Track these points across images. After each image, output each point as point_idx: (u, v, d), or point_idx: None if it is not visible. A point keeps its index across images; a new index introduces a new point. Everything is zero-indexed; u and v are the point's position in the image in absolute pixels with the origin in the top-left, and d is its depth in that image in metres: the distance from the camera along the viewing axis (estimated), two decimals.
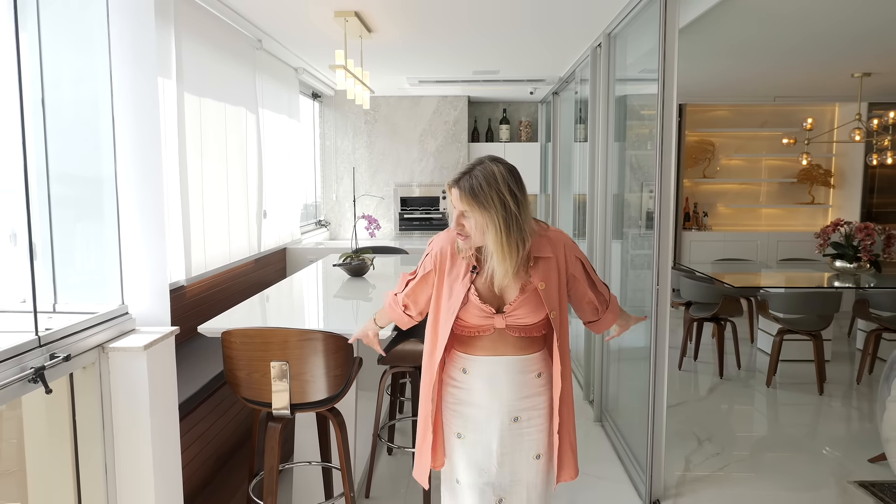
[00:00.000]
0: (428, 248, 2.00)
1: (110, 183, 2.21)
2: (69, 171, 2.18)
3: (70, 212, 2.20)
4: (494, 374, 1.93)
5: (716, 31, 4.19)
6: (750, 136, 7.64)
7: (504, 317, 1.88)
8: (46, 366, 1.74)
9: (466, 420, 1.96)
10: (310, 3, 3.53)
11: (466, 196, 1.78)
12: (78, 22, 2.18)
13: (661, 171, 3.09)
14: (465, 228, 1.82)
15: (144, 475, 2.11)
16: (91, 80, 2.19)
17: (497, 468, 1.94)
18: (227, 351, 2.45)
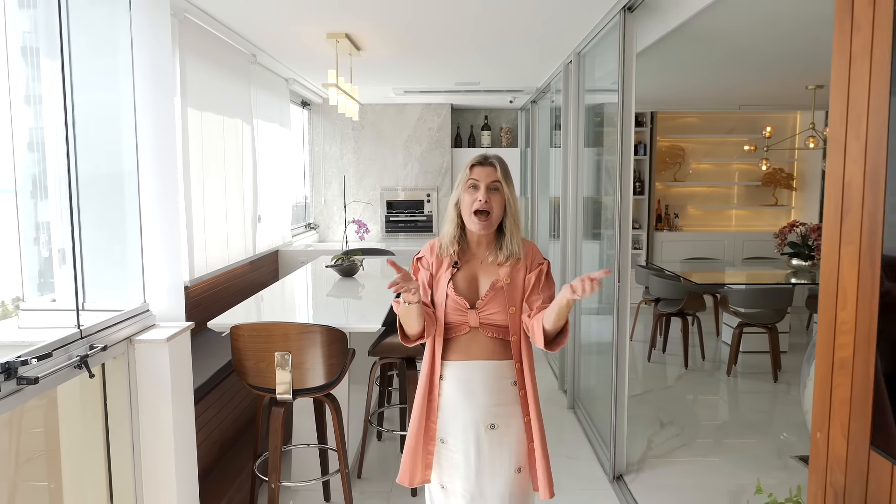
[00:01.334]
0: (414, 262, 2.09)
1: (132, 191, 2.51)
2: (97, 181, 2.48)
3: (98, 218, 2.50)
4: (469, 379, 1.95)
5: (677, 50, 4.56)
6: (718, 141, 8.04)
7: (477, 312, 1.94)
8: (89, 354, 2.04)
9: (447, 427, 1.98)
10: (304, 25, 3.84)
11: (502, 171, 1.92)
12: (104, 55, 2.48)
13: (621, 173, 3.44)
14: (491, 202, 1.91)
15: (166, 452, 2.41)
16: (115, 104, 2.49)
17: (476, 477, 1.95)
18: (236, 343, 2.76)
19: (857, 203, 1.26)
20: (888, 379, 1.13)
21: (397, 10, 3.54)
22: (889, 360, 1.14)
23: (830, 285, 1.34)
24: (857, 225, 1.25)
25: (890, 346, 1.13)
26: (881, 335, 1.16)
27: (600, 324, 4.28)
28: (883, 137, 1.19)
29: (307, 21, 3.76)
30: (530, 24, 3.90)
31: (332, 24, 3.78)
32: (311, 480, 3.19)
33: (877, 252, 1.17)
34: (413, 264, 2.08)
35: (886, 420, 1.14)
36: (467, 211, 1.94)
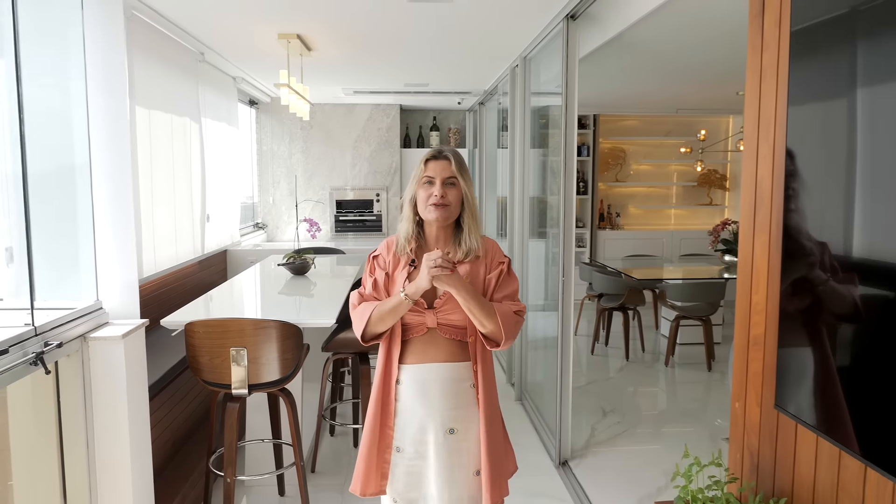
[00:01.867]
0: (370, 259, 2.01)
1: (85, 188, 2.51)
2: (49, 180, 2.48)
3: (48, 216, 2.49)
4: (426, 381, 1.90)
5: (618, 57, 4.77)
6: (656, 143, 8.38)
7: (435, 312, 1.87)
8: (45, 351, 2.06)
9: (404, 433, 1.91)
10: (256, 25, 3.87)
11: (457, 165, 1.86)
12: (59, 57, 2.48)
13: (565, 174, 3.61)
14: (447, 197, 1.85)
15: (121, 450, 2.43)
16: (66, 99, 2.49)
17: (435, 483, 1.89)
18: (191, 340, 2.79)
19: (767, 199, 1.42)
20: (788, 347, 1.29)
21: (349, 12, 3.61)
22: (789, 330, 1.30)
23: (746, 271, 1.51)
24: (767, 218, 1.41)
25: (789, 319, 1.29)
26: (782, 311, 1.32)
27: (546, 319, 4.45)
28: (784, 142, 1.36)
29: (259, 21, 3.79)
30: (479, 29, 4.04)
31: (284, 24, 3.83)
32: (266, 474, 3.24)
33: (780, 242, 1.33)
34: (369, 263, 1.99)
35: (787, 382, 1.31)
36: (423, 205, 1.87)
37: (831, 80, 1.20)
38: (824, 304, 1.22)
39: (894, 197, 1.08)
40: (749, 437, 1.50)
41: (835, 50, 1.16)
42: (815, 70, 1.25)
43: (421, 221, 1.94)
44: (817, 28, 1.23)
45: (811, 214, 1.28)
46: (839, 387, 1.16)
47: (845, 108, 1.16)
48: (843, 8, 1.15)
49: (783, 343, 1.34)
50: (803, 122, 1.27)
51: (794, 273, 1.31)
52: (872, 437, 1.11)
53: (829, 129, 1.21)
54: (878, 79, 1.10)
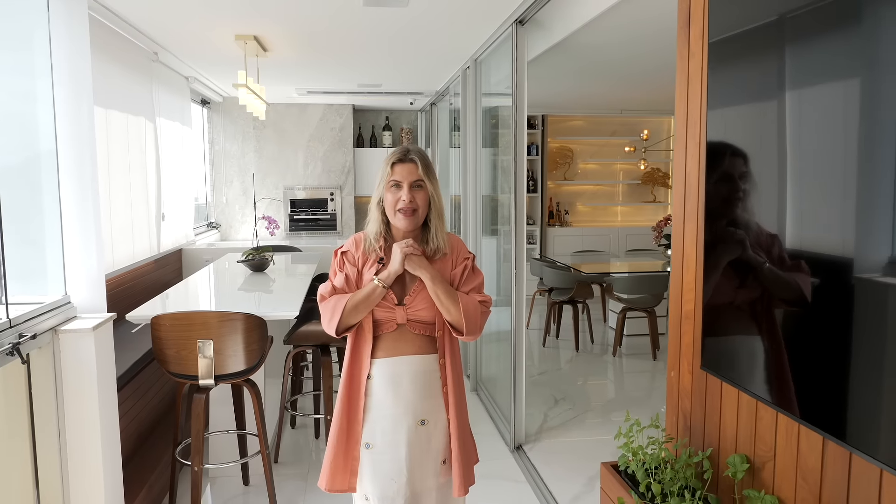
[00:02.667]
0: (337, 255, 2.01)
1: (51, 184, 2.56)
2: (15, 177, 2.52)
3: (15, 212, 2.53)
4: (397, 374, 1.91)
5: (564, 60, 5.00)
6: (603, 143, 8.71)
7: (405, 309, 1.90)
8: (20, 342, 2.12)
9: (374, 428, 1.92)
10: (212, 26, 3.94)
11: (424, 168, 1.87)
12: (25, 59, 2.52)
13: (516, 172, 3.80)
14: (415, 201, 1.86)
15: (92, 439, 2.49)
16: (33, 102, 2.54)
17: (407, 476, 1.90)
18: (157, 333, 2.86)
19: (694, 191, 1.63)
20: (708, 315, 1.49)
21: (306, 14, 3.72)
22: (711, 302, 1.50)
23: (678, 255, 1.70)
24: (694, 207, 1.62)
25: (711, 293, 1.49)
26: (705, 286, 1.52)
27: (499, 314, 4.64)
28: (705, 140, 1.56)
29: (217, 22, 3.86)
30: (431, 33, 4.20)
31: (241, 26, 3.90)
32: (231, 462, 3.32)
33: (702, 228, 1.53)
34: (337, 258, 2.00)
35: (711, 347, 1.51)
36: (391, 209, 1.90)
37: (739, 87, 1.40)
38: (739, 278, 1.42)
39: (786, 190, 1.28)
40: (682, 401, 1.70)
41: (742, 60, 1.37)
42: (727, 77, 1.45)
43: (388, 221, 1.95)
44: (728, 41, 1.43)
45: (727, 203, 1.49)
46: (756, 346, 1.36)
47: (751, 111, 1.36)
48: (748, 24, 1.35)
49: (706, 312, 1.54)
50: (718, 123, 1.48)
51: (714, 254, 1.51)
52: (780, 388, 1.31)
53: (738, 128, 1.41)
54: (776, 87, 1.30)
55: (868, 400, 1.03)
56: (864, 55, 1.07)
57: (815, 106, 1.19)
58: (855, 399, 1.06)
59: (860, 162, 1.08)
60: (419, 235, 1.97)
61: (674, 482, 1.38)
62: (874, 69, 1.05)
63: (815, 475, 1.21)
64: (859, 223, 1.07)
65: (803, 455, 1.24)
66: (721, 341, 1.50)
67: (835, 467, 1.16)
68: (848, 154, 1.12)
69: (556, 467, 3.55)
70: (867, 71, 1.06)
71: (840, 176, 1.11)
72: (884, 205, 1.01)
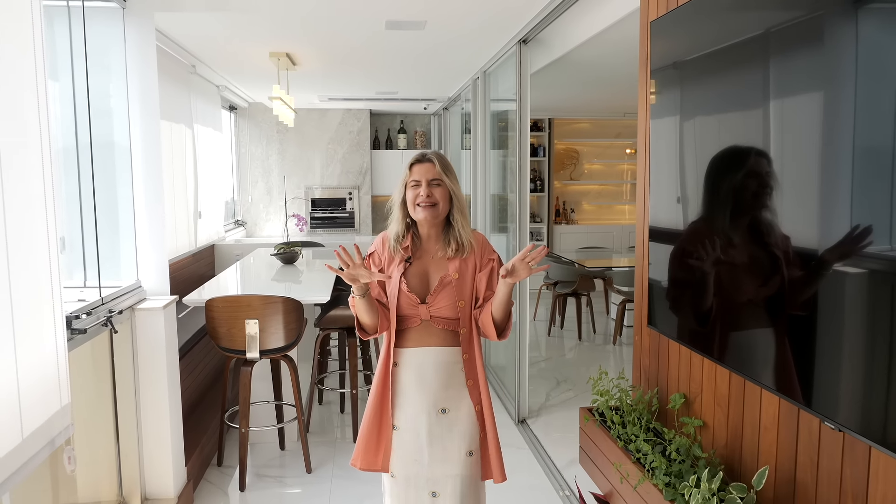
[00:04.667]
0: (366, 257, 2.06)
1: (125, 185, 3.05)
2: (97, 177, 3.01)
3: (98, 208, 3.03)
4: (422, 364, 2.01)
5: (566, 71, 5.45)
6: (607, 144, 9.13)
7: (428, 307, 1.99)
8: (112, 316, 2.61)
9: (400, 412, 2.03)
10: (250, 44, 4.42)
11: (440, 166, 1.96)
12: (103, 77, 3.01)
13: (519, 168, 4.26)
14: (434, 196, 1.95)
15: (161, 399, 2.98)
16: (109, 118, 3.03)
17: (428, 459, 2.00)
18: (211, 313, 3.35)
19: (642, 188, 2.07)
20: (652, 289, 1.94)
21: (335, 34, 4.19)
22: (653, 275, 1.94)
23: (640, 239, 2.15)
24: (643, 199, 2.06)
25: (653, 266, 1.93)
26: (651, 262, 1.96)
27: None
28: (648, 148, 2.00)
29: (255, 42, 4.35)
30: (446, 49, 4.66)
31: (276, 44, 4.39)
32: (270, 426, 3.81)
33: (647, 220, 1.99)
34: (365, 262, 2.04)
35: (654, 309, 1.95)
36: (412, 206, 1.98)
37: (665, 107, 1.85)
38: (672, 255, 1.86)
39: (702, 185, 1.71)
40: (644, 359, 2.14)
41: (668, 87, 1.81)
42: (660, 100, 1.90)
43: (414, 221, 2.04)
44: (661, 71, 1.88)
45: (659, 196, 1.94)
46: (686, 308, 1.80)
47: (672, 126, 1.79)
48: (674, 59, 1.80)
49: (651, 287, 1.98)
50: (654, 134, 1.93)
51: (655, 237, 1.96)
52: (703, 340, 1.75)
53: (665, 140, 1.85)
54: (692, 108, 1.74)
55: (749, 340, 1.46)
56: (715, 97, 1.51)
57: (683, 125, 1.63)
58: (742, 341, 1.49)
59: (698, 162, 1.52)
60: (442, 233, 2.03)
61: (630, 415, 1.82)
62: (728, 109, 1.49)
63: (724, 401, 1.64)
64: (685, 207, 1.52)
65: (719, 388, 1.67)
66: (662, 307, 1.95)
67: (736, 393, 1.59)
68: (699, 159, 1.56)
69: (554, 436, 4.01)
70: (721, 107, 1.50)
71: (693, 172, 1.56)
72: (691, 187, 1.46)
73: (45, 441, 1.90)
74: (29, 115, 1.84)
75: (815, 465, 1.33)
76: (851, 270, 1.15)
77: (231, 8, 3.35)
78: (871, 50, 1.09)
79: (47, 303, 1.91)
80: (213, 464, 3.69)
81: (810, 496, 1.35)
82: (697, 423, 1.72)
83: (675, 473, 1.50)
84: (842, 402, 1.20)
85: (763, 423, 1.50)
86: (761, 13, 1.40)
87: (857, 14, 1.10)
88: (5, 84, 1.72)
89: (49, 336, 1.92)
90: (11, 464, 1.73)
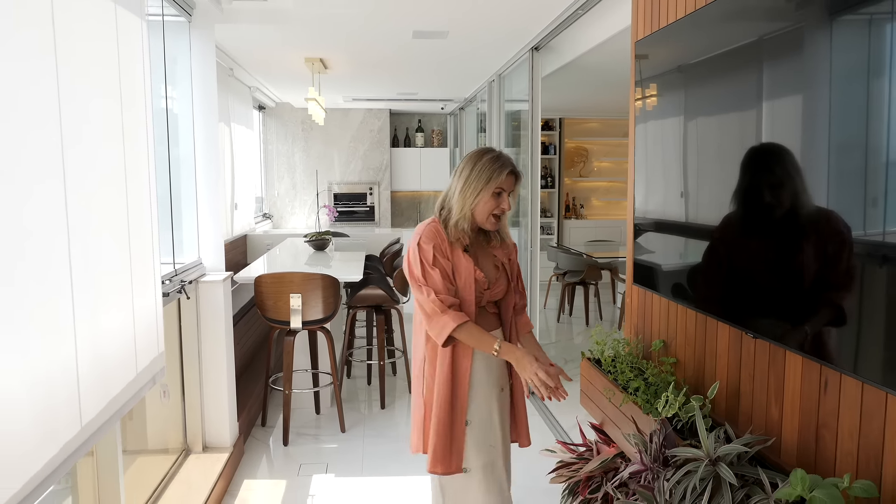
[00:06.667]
0: (412, 248, 2.07)
1: (189, 175, 3.52)
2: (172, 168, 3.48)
3: (166, 196, 3.49)
4: None
5: (576, 74, 5.87)
6: (616, 143, 9.54)
7: (490, 291, 2.10)
8: (184, 285, 3.08)
9: (472, 405, 2.07)
10: (288, 51, 4.89)
11: (520, 180, 2.09)
12: (171, 81, 3.49)
13: (531, 165, 4.69)
14: (509, 204, 2.06)
15: (220, 359, 3.45)
16: (178, 121, 3.50)
17: (501, 439, 2.11)
18: (259, 288, 3.81)
19: (632, 174, 2.50)
20: (638, 259, 2.37)
21: (365, 42, 4.64)
22: (639, 241, 2.38)
23: (629, 221, 2.58)
24: (631, 189, 2.50)
25: (639, 229, 2.37)
26: (635, 238, 2.41)
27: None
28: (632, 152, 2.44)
29: (292, 49, 4.81)
30: (465, 55, 5.10)
31: (311, 51, 4.85)
32: (308, 390, 4.27)
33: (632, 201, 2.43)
34: (427, 253, 2.02)
35: (639, 271, 2.39)
36: (487, 212, 2.02)
37: (648, 113, 2.28)
38: (657, 225, 2.29)
39: (680, 180, 2.14)
40: (633, 317, 2.57)
41: (657, 87, 2.23)
42: (644, 106, 2.33)
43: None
44: (644, 81, 2.31)
45: (643, 188, 2.38)
46: (661, 268, 2.22)
47: (656, 129, 2.22)
48: (656, 72, 2.23)
49: (635, 258, 2.43)
50: (639, 136, 2.36)
51: (639, 217, 2.39)
52: (677, 290, 2.17)
53: (649, 141, 2.27)
54: (673, 114, 2.16)
55: (708, 287, 1.89)
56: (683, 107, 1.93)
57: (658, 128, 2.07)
58: (704, 288, 1.92)
59: (683, 161, 1.94)
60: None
61: (622, 361, 2.26)
62: (699, 114, 1.90)
63: (692, 340, 2.07)
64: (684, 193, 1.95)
65: (688, 326, 2.10)
66: (645, 268, 2.39)
67: (700, 332, 2.01)
68: (676, 157, 1.99)
69: (562, 406, 4.44)
70: (682, 118, 1.92)
71: (673, 166, 1.99)
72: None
73: (149, 377, 2.37)
74: (141, 127, 2.30)
75: (752, 377, 1.76)
76: (757, 232, 1.58)
77: (281, 21, 3.81)
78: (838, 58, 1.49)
79: (150, 270, 2.38)
80: (257, 424, 4.16)
81: (748, 399, 1.78)
82: (672, 360, 2.15)
83: (652, 394, 1.93)
84: (760, 319, 1.64)
85: (718, 352, 1.94)
86: (718, 38, 1.83)
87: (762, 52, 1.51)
88: (132, 101, 2.18)
89: (151, 295, 2.38)
90: (128, 392, 2.19)
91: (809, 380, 1.54)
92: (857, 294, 1.31)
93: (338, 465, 3.60)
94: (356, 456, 3.72)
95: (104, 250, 1.99)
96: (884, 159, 1.24)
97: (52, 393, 1.66)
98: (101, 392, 1.95)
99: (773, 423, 1.67)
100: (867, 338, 1.30)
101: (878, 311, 1.26)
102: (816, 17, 1.44)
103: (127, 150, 2.17)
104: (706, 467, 1.52)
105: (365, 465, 3.60)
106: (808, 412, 1.55)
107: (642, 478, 1.72)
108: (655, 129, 2.31)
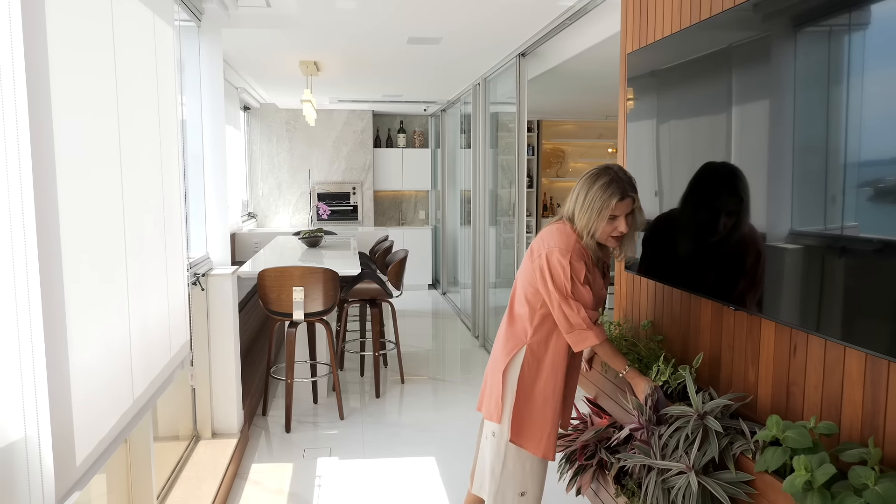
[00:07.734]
0: (557, 259, 2.08)
1: (197, 178, 3.69)
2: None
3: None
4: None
5: (557, 78, 6.14)
6: (591, 144, 9.86)
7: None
8: (199, 277, 3.25)
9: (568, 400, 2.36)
10: (285, 54, 5.06)
11: (636, 201, 2.09)
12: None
13: (518, 166, 4.94)
14: (632, 222, 2.09)
15: (228, 350, 3.62)
16: (187, 123, 3.67)
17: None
18: (262, 281, 3.99)
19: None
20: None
21: (360, 46, 4.84)
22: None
23: None
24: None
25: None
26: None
27: (498, 294, 5.78)
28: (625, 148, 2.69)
29: (289, 51, 4.99)
30: (454, 60, 5.33)
31: (308, 54, 5.03)
32: (308, 378, 4.45)
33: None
34: (579, 272, 2.08)
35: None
36: (605, 235, 2.08)
37: (638, 111, 2.54)
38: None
39: (672, 176, 2.39)
40: (623, 301, 2.83)
41: (642, 94, 2.49)
42: (635, 104, 2.60)
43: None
44: (635, 80, 2.57)
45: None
46: (649, 254, 2.48)
47: (648, 128, 2.47)
48: (645, 70, 2.49)
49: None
50: (631, 134, 2.62)
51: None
52: (662, 272, 2.42)
53: (641, 139, 2.53)
54: (664, 113, 2.41)
55: (691, 268, 2.14)
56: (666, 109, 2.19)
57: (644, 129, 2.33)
58: (687, 269, 2.18)
59: (670, 160, 2.20)
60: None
61: (614, 340, 2.51)
62: (676, 118, 2.16)
63: (678, 318, 2.33)
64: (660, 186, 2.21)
65: (674, 307, 2.36)
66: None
67: (685, 310, 2.27)
68: (664, 156, 2.24)
69: None
70: (674, 116, 2.17)
71: (652, 163, 2.24)
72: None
73: (179, 361, 2.55)
74: (173, 125, 2.48)
75: (731, 347, 2.02)
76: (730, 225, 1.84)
77: (284, 25, 4.00)
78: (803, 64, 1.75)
79: (181, 259, 2.56)
80: (258, 413, 4.34)
81: (728, 367, 2.05)
82: (659, 338, 2.41)
83: (643, 367, 2.19)
84: (736, 294, 1.90)
85: (701, 327, 2.20)
86: (702, 51, 2.08)
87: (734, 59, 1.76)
88: (165, 102, 2.36)
89: (182, 282, 2.56)
90: (164, 374, 2.37)
91: (781, 344, 1.80)
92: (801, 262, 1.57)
93: (340, 449, 3.80)
94: (357, 440, 3.92)
95: (147, 235, 2.17)
96: (842, 160, 1.50)
97: (114, 364, 1.84)
98: (146, 369, 2.14)
99: (751, 384, 1.93)
100: (828, 300, 1.56)
101: (837, 278, 1.52)
102: (782, 30, 1.70)
103: (163, 148, 2.35)
104: (695, 421, 1.77)
105: (367, 449, 3.80)
106: (779, 373, 1.81)
107: (640, 435, 1.96)
108: (641, 131, 2.56)
